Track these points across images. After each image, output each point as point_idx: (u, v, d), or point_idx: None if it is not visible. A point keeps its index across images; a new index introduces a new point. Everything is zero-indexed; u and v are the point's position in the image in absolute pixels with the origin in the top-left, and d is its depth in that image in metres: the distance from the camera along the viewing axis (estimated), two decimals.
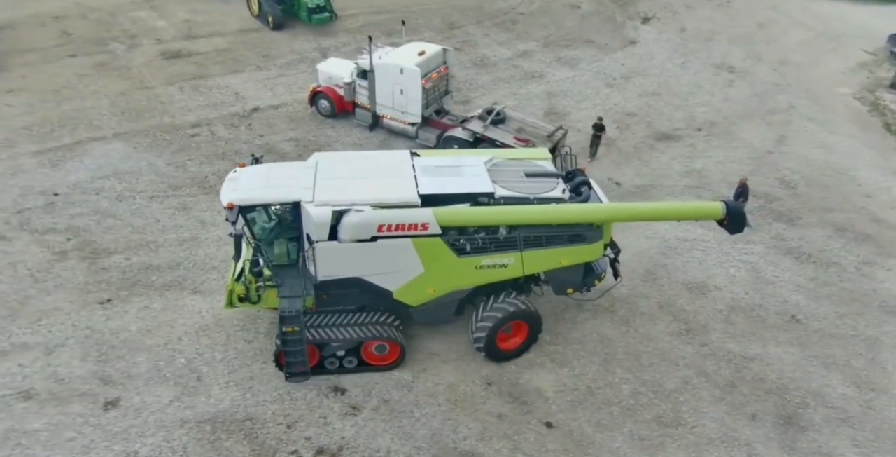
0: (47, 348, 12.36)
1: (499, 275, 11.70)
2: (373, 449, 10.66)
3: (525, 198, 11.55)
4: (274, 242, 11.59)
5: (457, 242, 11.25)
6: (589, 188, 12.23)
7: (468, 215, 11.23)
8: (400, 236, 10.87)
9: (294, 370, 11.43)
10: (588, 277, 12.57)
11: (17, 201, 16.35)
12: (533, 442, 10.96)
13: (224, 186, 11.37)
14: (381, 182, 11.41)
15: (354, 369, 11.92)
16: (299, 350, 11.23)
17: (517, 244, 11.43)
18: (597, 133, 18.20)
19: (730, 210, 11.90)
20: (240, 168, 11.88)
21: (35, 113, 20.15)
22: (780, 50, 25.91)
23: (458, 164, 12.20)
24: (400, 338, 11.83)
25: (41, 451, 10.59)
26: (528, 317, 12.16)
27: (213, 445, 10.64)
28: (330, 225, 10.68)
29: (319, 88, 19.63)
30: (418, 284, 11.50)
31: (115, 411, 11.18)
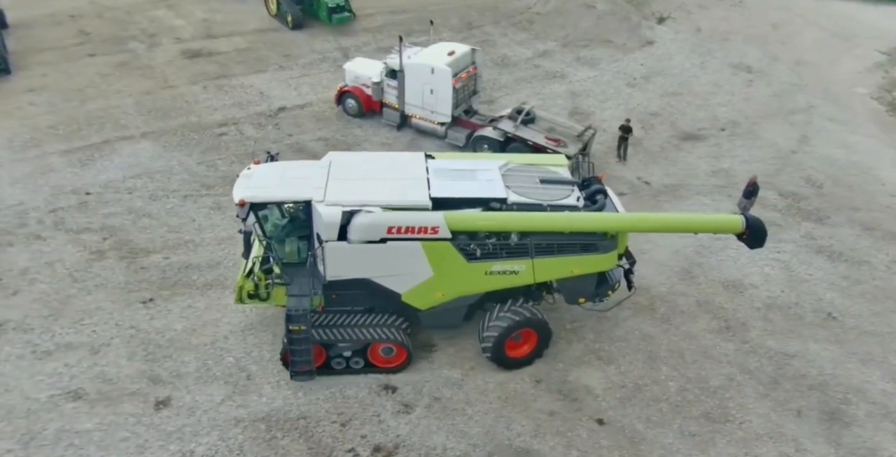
0: (93, 348, 12.36)
1: (509, 282, 11.54)
2: (429, 447, 10.72)
3: (538, 205, 11.38)
4: (285, 240, 11.63)
5: (467, 247, 11.12)
6: (605, 197, 12.03)
7: (479, 220, 11.05)
8: (409, 239, 10.80)
9: (299, 369, 11.45)
10: (601, 287, 12.27)
11: (49, 201, 16.31)
12: (586, 439, 11.06)
13: (237, 183, 11.42)
14: (393, 184, 11.36)
15: (360, 371, 11.87)
16: (305, 349, 11.24)
17: (528, 251, 11.23)
18: (624, 135, 18.23)
19: (750, 224, 11.50)
20: (254, 165, 11.96)
21: (59, 112, 20.08)
22: (796, 50, 26.12)
23: (473, 168, 12.08)
24: (407, 341, 11.78)
25: (95, 451, 10.59)
26: (538, 326, 11.99)
27: (269, 443, 10.67)
28: (340, 225, 10.65)
29: (346, 88, 19.64)
30: (427, 288, 11.42)
31: (166, 410, 11.20)
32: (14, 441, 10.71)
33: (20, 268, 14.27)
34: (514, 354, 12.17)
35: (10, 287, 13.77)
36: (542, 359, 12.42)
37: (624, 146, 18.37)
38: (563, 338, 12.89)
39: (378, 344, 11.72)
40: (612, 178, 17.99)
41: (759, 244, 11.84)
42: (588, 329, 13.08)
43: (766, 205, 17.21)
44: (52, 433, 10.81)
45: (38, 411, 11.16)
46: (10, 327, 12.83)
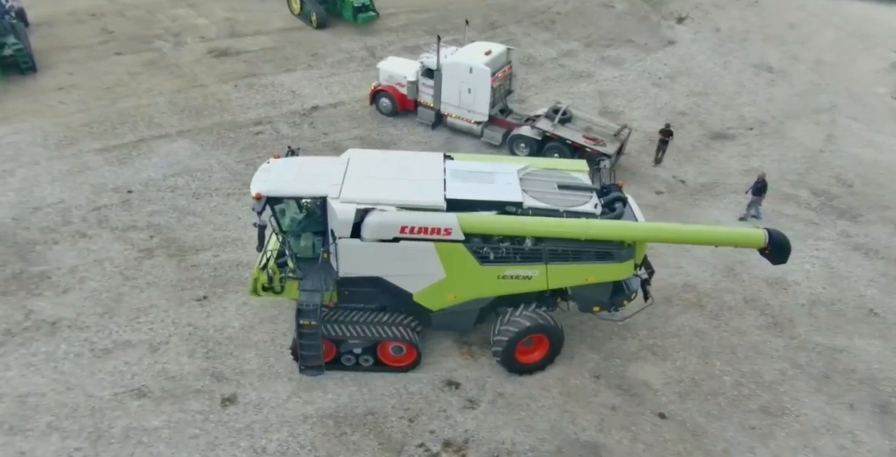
0: (151, 346, 12.38)
1: (522, 287, 11.41)
2: (497, 441, 10.84)
3: (554, 210, 11.24)
4: (301, 235, 11.71)
5: (480, 250, 11.04)
6: (624, 205, 11.83)
7: (492, 223, 10.97)
8: (422, 240, 10.78)
9: (308, 364, 11.57)
10: (617, 296, 12.04)
11: (91, 199, 16.29)
12: (650, 432, 11.23)
13: (255, 176, 11.47)
14: (410, 184, 11.32)
15: (370, 368, 11.90)
16: (314, 344, 11.33)
17: (542, 257, 11.11)
18: (664, 138, 18.20)
19: (773, 239, 11.15)
20: (274, 159, 12.01)
21: (91, 110, 20.02)
22: (814, 50, 26.46)
23: (491, 170, 11.98)
24: (417, 341, 11.75)
25: (165, 449, 10.62)
26: (550, 332, 11.80)
27: (339, 439, 10.75)
28: (353, 222, 10.68)
29: (381, 87, 19.72)
30: (439, 289, 11.39)
31: (233, 407, 11.24)
32: (82, 440, 10.73)
33: (68, 266, 14.26)
34: (525, 359, 12.04)
35: (61, 285, 13.77)
36: (600, 354, 12.62)
37: (663, 150, 18.35)
38: (616, 334, 13.08)
39: (388, 343, 11.75)
40: (647, 176, 18.29)
41: (783, 260, 11.47)
42: (640, 325, 13.24)
43: (801, 203, 17.51)
44: (120, 431, 10.83)
45: (103, 409, 11.18)
46: (65, 325, 12.84)
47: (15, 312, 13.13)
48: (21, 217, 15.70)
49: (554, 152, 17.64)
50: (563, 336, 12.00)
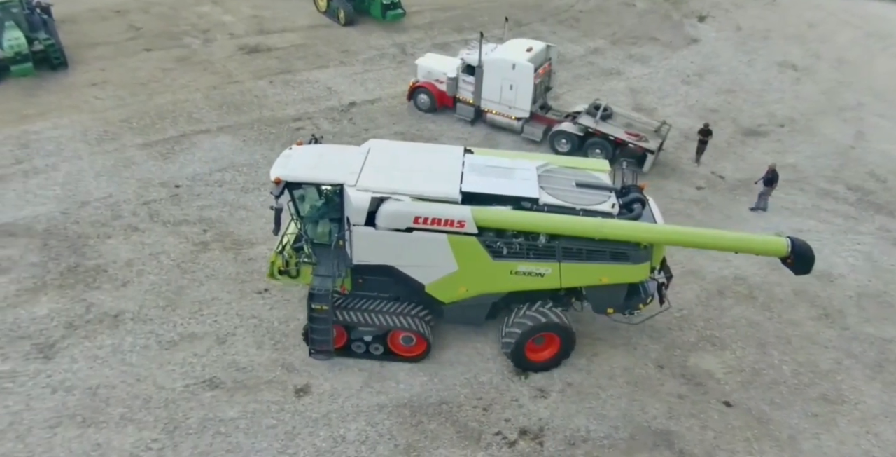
0: (218, 338, 12.44)
1: (534, 283, 11.34)
2: (572, 429, 11.02)
3: (570, 208, 11.16)
4: (318, 221, 11.87)
5: (493, 244, 11.03)
6: (643, 207, 11.75)
7: (506, 218, 10.94)
8: (436, 231, 10.85)
9: (318, 348, 11.75)
10: (632, 299, 11.90)
11: (139, 193, 16.29)
12: (717, 420, 11.43)
13: (277, 161, 11.63)
14: (427, 175, 11.37)
15: (379, 357, 11.99)
16: (325, 329, 11.49)
17: (556, 254, 11.05)
18: (703, 139, 18.24)
19: (796, 248, 10.86)
20: (296, 146, 12.17)
21: (128, 106, 20.00)
22: (834, 49, 26.85)
23: (510, 166, 11.96)
24: (427, 332, 11.81)
25: (244, 439, 10.70)
26: (561, 330, 11.70)
27: (416, 428, 10.88)
28: (368, 211, 10.79)
29: (419, 83, 19.85)
30: (451, 282, 11.42)
31: (307, 397, 11.34)
32: (158, 431, 10.79)
33: (124, 259, 14.29)
34: (535, 357, 11.99)
35: (119, 279, 13.80)
36: (661, 345, 12.83)
37: (702, 150, 18.38)
38: (675, 325, 13.28)
39: (398, 332, 11.82)
40: (686, 172, 18.52)
41: (806, 271, 11.17)
42: (697, 317, 13.47)
43: (838, 198, 17.80)
44: (196, 422, 10.90)
45: (177, 401, 11.25)
46: (128, 318, 12.87)
47: (75, 305, 13.17)
48: (70, 211, 15.71)
49: (596, 148, 17.86)
50: (574, 336, 11.86)
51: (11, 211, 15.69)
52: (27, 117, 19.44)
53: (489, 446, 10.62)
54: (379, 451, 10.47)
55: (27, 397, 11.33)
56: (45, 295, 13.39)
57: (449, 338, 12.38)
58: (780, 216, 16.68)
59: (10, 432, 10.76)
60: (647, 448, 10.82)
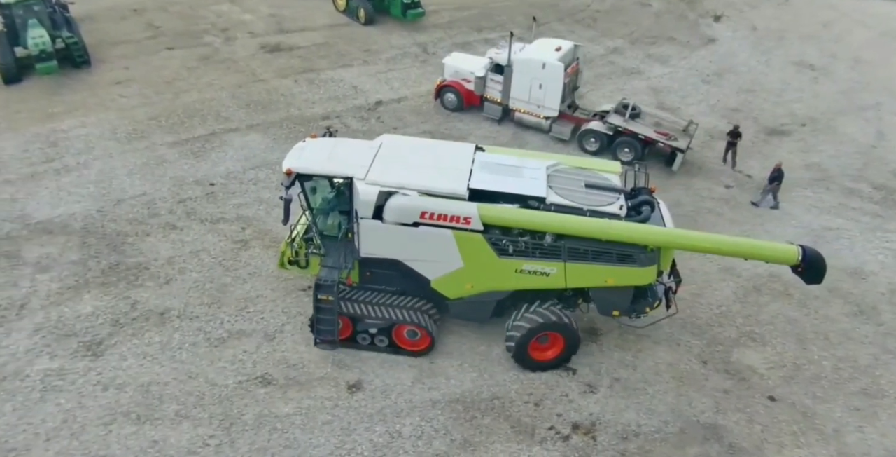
0: (266, 335, 12.52)
1: (539, 282, 11.34)
2: (623, 423, 11.18)
3: (578, 208, 11.19)
4: (329, 213, 12.07)
5: (499, 242, 11.10)
6: (652, 209, 11.63)
7: (512, 216, 11.00)
8: (442, 226, 10.95)
9: (323, 337, 11.92)
10: (638, 302, 11.78)
11: (174, 191, 16.35)
12: (763, 414, 11.62)
13: (290, 153, 11.80)
14: (435, 171, 11.48)
15: (384, 349, 12.13)
16: (330, 319, 11.66)
17: (562, 254, 11.05)
18: (732, 140, 18.19)
19: (807, 257, 10.71)
20: (310, 139, 12.34)
21: (155, 104, 20.03)
22: (850, 48, 27.07)
23: (520, 164, 12.00)
24: (432, 327, 11.93)
25: (301, 434, 10.79)
26: (565, 331, 11.65)
27: (471, 423, 11.00)
28: (375, 204, 10.95)
29: (446, 82, 19.95)
30: (456, 278, 11.51)
31: (360, 393, 11.45)
32: (214, 427, 10.86)
33: (165, 257, 14.34)
34: (538, 356, 11.96)
35: (161, 276, 13.86)
36: (703, 341, 13.00)
37: (733, 151, 18.34)
38: (715, 322, 13.47)
39: (403, 326, 11.93)
40: (714, 171, 18.70)
41: (817, 280, 11.03)
42: (736, 314, 13.66)
43: (864, 196, 18.02)
44: (252, 418, 10.98)
45: (231, 397, 11.33)
46: (174, 315, 12.94)
47: (120, 303, 13.22)
48: (106, 209, 15.74)
49: (624, 147, 18.02)
50: (578, 336, 11.81)
51: (47, 209, 15.73)
52: (53, 115, 19.45)
53: (544, 440, 10.78)
54: (436, 446, 10.60)
55: (79, 394, 11.40)
56: (88, 293, 13.44)
57: (495, 335, 12.48)
58: (810, 215, 16.91)
59: (65, 429, 10.82)
60: (698, 442, 11.00)
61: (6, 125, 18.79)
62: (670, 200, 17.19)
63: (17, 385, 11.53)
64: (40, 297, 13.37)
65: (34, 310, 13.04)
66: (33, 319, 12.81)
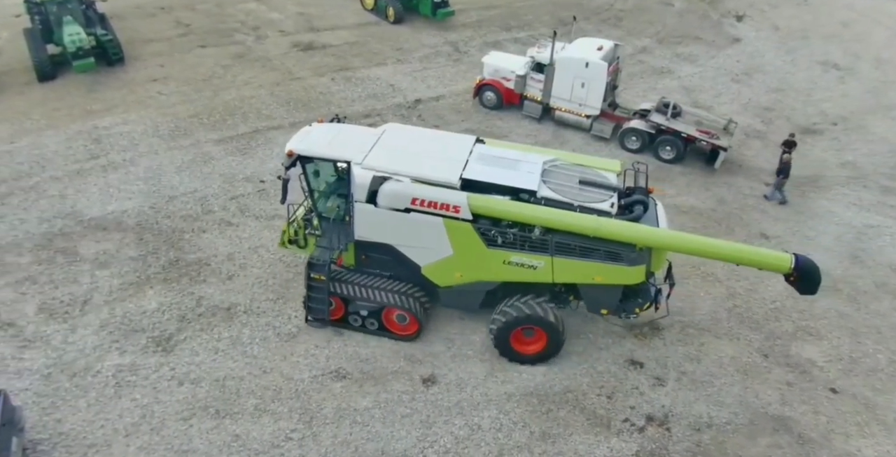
0: (335, 330, 12.64)
1: (527, 275, 11.42)
2: (695, 415, 11.41)
3: (568, 203, 11.25)
4: (330, 196, 12.40)
5: (488, 232, 11.27)
6: (645, 209, 11.59)
7: (500, 207, 11.13)
8: (432, 213, 11.21)
9: (315, 316, 12.44)
10: (628, 302, 11.82)
11: (224, 188, 16.43)
12: (827, 406, 11.90)
13: (295, 136, 12.16)
14: (432, 160, 11.72)
15: (374, 332, 12.44)
16: (322, 298, 12.16)
17: (549, 248, 11.10)
18: (787, 150, 18.02)
19: (800, 266, 10.47)
20: (317, 123, 12.66)
21: (194, 102, 20.07)
22: (871, 48, 27.47)
23: (518, 158, 12.12)
24: (420, 312, 12.17)
25: (381, 428, 10.95)
26: (547, 327, 11.59)
27: (547, 415, 11.20)
28: (369, 189, 11.28)
29: (485, 81, 20.11)
30: (446, 266, 11.74)
31: (435, 387, 11.62)
32: (295, 421, 11.00)
33: (224, 253, 14.43)
34: (521, 349, 12.01)
35: (223, 272, 13.95)
36: (761, 334, 13.26)
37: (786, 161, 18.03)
38: (770, 316, 13.73)
39: (393, 309, 12.20)
40: (753, 169, 18.97)
41: (811, 291, 10.83)
42: (790, 308, 13.93)
43: None
44: (332, 412, 11.13)
45: (307, 391, 11.47)
46: (241, 311, 13.05)
47: (185, 299, 13.31)
48: (158, 206, 15.80)
49: (666, 146, 18.27)
50: (561, 335, 11.75)
51: (98, 206, 15.77)
52: (93, 112, 19.46)
53: (620, 432, 11.00)
54: (515, 438, 10.79)
55: (154, 389, 11.49)
56: (151, 289, 13.52)
57: None
58: (850, 212, 17.21)
59: (144, 424, 10.92)
60: (768, 433, 11.26)
61: (46, 122, 18.80)
62: (713, 198, 17.69)
63: (89, 381, 11.63)
64: (102, 293, 13.45)
65: (98, 306, 13.13)
66: (98, 315, 12.90)
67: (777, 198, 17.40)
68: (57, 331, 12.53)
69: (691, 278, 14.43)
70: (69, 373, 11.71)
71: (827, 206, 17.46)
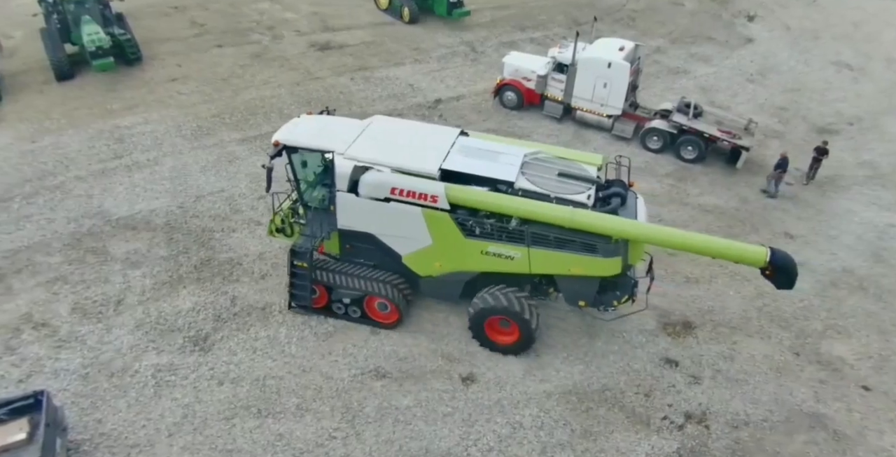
0: (372, 330, 12.71)
1: (504, 266, 11.49)
2: (732, 413, 11.55)
3: (545, 195, 11.33)
4: (317, 186, 12.60)
5: (465, 222, 11.42)
6: (622, 202, 11.55)
7: (477, 197, 11.22)
8: (411, 203, 11.37)
9: (298, 302, 12.69)
10: (606, 295, 11.81)
11: (251, 188, 16.42)
12: (860, 403, 12.06)
13: (283, 126, 12.42)
14: (413, 151, 11.89)
15: (358, 320, 12.67)
16: (305, 284, 12.40)
17: (525, 239, 11.16)
18: (818, 157, 18.19)
19: (775, 260, 10.30)
20: (306, 115, 12.93)
21: (215, 101, 20.08)
22: (882, 48, 27.73)
23: (499, 150, 12.22)
24: (400, 301, 12.39)
25: (424, 426, 11.03)
26: (515, 318, 11.66)
27: (587, 413, 11.31)
28: (350, 178, 11.47)
29: (506, 81, 20.21)
30: (426, 255, 11.95)
31: (475, 385, 11.70)
32: (338, 419, 11.07)
33: (255, 253, 14.47)
34: (496, 338, 12.17)
35: (255, 271, 13.99)
36: (791, 333, 13.40)
37: (816, 168, 18.32)
38: (799, 315, 13.89)
39: (374, 298, 12.42)
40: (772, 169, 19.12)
41: (788, 285, 10.60)
42: (818, 307, 14.09)
43: None
44: (374, 410, 11.20)
45: (348, 390, 11.53)
46: (276, 310, 13.09)
47: (218, 298, 13.34)
48: (186, 205, 15.83)
49: (688, 145, 18.42)
50: (530, 328, 11.76)
51: (125, 205, 15.79)
52: (113, 112, 19.45)
53: (660, 429, 11.12)
54: (557, 436, 10.90)
55: (194, 389, 11.54)
56: (185, 288, 13.55)
57: (596, 327, 12.85)
58: (871, 211, 17.41)
59: (186, 424, 10.96)
60: (804, 430, 11.41)
61: (67, 121, 18.78)
62: (736, 197, 17.85)
63: (127, 381, 11.66)
64: (135, 292, 13.48)
65: (132, 306, 13.16)
66: (133, 315, 12.93)
67: (772, 190, 17.64)
68: (92, 331, 12.56)
69: (719, 278, 14.61)
70: (107, 373, 11.75)
71: (847, 205, 17.66)
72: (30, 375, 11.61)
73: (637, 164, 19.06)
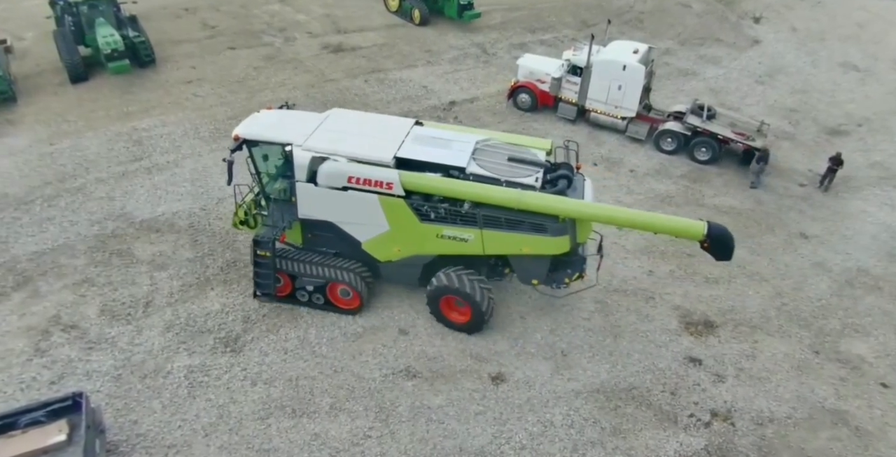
0: (401, 330, 12.90)
1: (459, 248, 11.99)
2: (757, 410, 11.78)
3: (495, 179, 11.72)
4: (278, 178, 12.93)
5: (420, 208, 11.86)
6: (569, 183, 11.93)
7: (430, 183, 11.62)
8: (367, 191, 11.78)
9: (263, 291, 13.03)
10: (558, 273, 12.23)
11: None
12: (881, 400, 12.31)
13: (244, 121, 12.79)
14: (369, 141, 12.26)
15: (322, 307, 13.10)
16: (268, 273, 12.76)
17: (478, 222, 11.65)
18: (833, 167, 18.34)
19: (712, 233, 10.85)
20: (265, 110, 13.32)
21: (231, 104, 20.18)
22: (889, 49, 28.03)
23: (451, 138, 12.60)
24: (361, 287, 12.82)
25: (457, 425, 11.21)
26: (468, 298, 12.11)
27: (615, 412, 11.52)
28: (309, 169, 11.88)
29: (520, 83, 20.41)
30: (384, 241, 12.40)
31: (504, 385, 11.89)
32: (371, 419, 11.25)
33: None
34: (452, 317, 12.76)
35: None
36: (810, 332, 13.65)
37: (831, 177, 18.45)
38: (818, 314, 14.14)
39: (337, 284, 12.82)
40: (786, 170, 19.41)
41: (726, 257, 11.15)
42: (835, 306, 14.35)
43: None
44: (406, 410, 11.38)
45: (380, 390, 11.71)
46: (304, 311, 13.24)
47: (247, 300, 13.46)
48: (208, 207, 15.95)
49: (702, 147, 18.66)
50: (481, 309, 12.22)
51: (148, 207, 15.91)
52: (130, 114, 19.54)
53: (687, 427, 11.35)
54: (587, 434, 11.11)
55: (227, 390, 11.69)
56: (212, 290, 13.70)
57: (619, 328, 13.07)
58: (883, 212, 17.68)
59: (222, 424, 11.11)
60: (827, 426, 11.67)
61: (84, 124, 18.87)
62: (751, 198, 18.10)
63: (160, 382, 11.81)
64: (163, 294, 13.62)
65: (160, 307, 13.30)
66: (162, 317, 13.07)
67: (756, 183, 18.03)
68: (122, 333, 12.70)
69: (738, 278, 14.87)
70: (139, 374, 11.90)
71: (861, 206, 17.94)
72: (62, 377, 11.76)
73: (652, 165, 19.51)
